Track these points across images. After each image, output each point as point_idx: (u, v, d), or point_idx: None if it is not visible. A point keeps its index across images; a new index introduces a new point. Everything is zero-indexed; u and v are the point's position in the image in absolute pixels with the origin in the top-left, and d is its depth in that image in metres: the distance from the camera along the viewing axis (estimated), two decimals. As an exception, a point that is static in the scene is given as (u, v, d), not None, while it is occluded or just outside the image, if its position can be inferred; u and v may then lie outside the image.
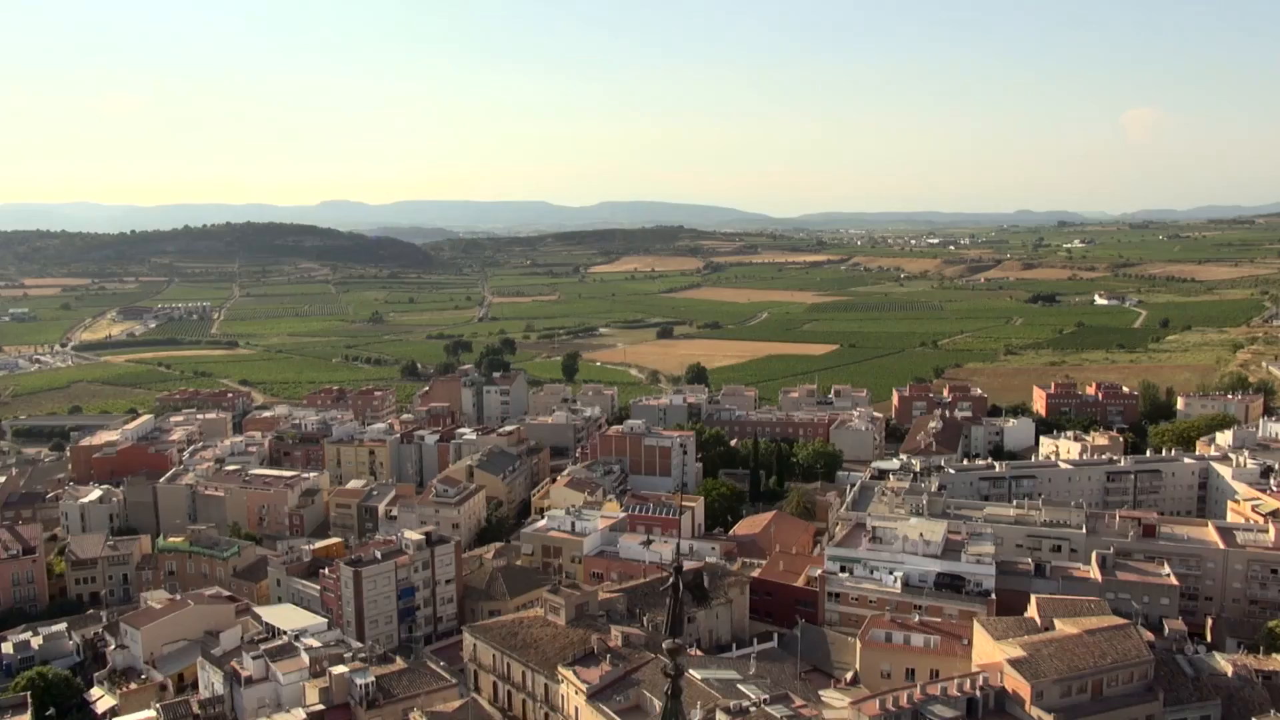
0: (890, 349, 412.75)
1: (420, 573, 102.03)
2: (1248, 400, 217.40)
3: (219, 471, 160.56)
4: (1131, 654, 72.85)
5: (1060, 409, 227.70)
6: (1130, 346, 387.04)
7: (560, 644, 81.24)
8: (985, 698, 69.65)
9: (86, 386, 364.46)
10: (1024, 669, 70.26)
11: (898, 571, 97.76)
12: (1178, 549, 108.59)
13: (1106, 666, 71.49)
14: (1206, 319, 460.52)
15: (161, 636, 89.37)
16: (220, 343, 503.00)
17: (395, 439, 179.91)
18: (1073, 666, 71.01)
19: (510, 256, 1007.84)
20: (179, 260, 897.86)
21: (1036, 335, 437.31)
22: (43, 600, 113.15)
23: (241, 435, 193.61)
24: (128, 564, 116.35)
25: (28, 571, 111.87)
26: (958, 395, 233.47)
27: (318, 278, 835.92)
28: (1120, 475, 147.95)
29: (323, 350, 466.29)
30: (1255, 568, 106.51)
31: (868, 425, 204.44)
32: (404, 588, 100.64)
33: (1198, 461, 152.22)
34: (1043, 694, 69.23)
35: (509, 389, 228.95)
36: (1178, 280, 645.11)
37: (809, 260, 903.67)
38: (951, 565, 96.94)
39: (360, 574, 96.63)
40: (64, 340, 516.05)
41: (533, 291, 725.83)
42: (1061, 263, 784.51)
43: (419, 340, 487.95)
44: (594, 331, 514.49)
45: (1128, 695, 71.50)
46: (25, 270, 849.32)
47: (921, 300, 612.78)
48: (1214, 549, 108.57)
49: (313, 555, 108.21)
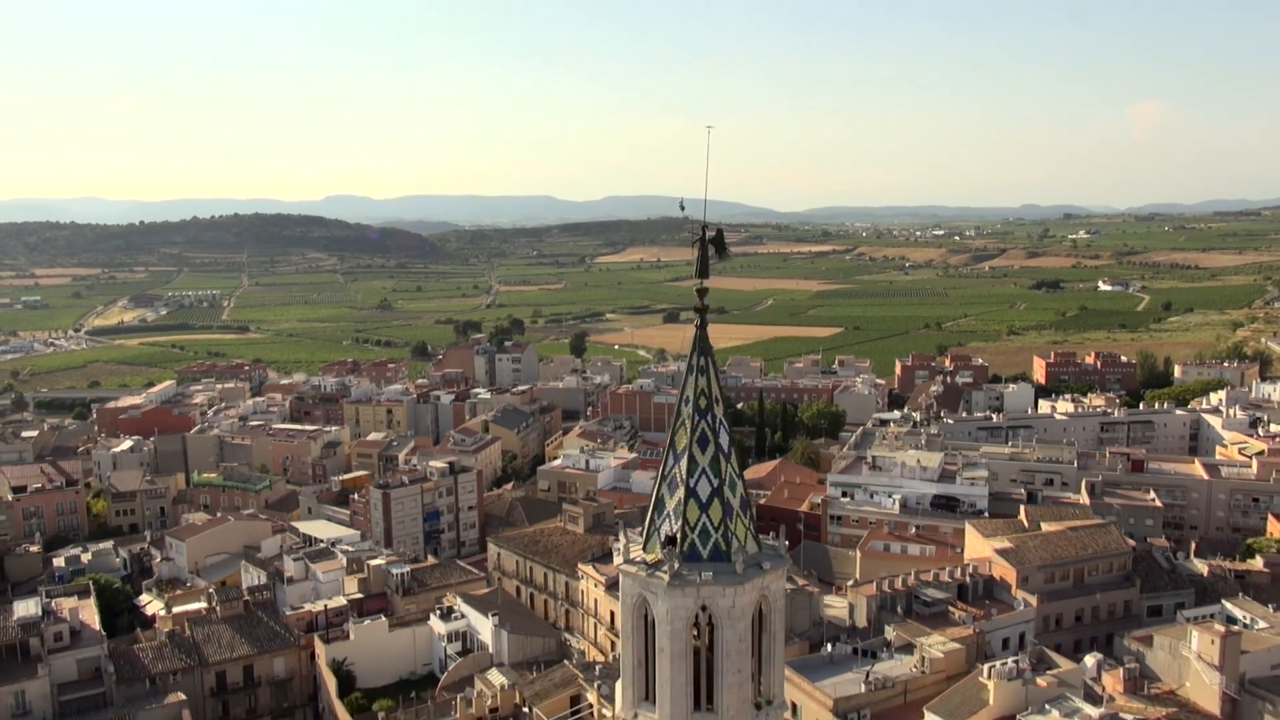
0: (894, 331, 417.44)
1: (444, 498, 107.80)
2: (1243, 368, 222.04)
3: (243, 427, 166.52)
4: (1111, 547, 78.37)
5: (1059, 377, 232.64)
6: (1132, 327, 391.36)
7: (579, 548, 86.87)
8: (975, 583, 75.21)
9: (102, 366, 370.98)
10: (1010, 557, 75.81)
11: (896, 495, 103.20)
12: (1164, 480, 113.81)
13: (1087, 556, 76.99)
14: (1209, 302, 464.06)
15: (205, 549, 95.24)
16: (231, 327, 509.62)
17: (412, 399, 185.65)
18: (1056, 556, 76.53)
19: (516, 247, 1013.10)
20: (187, 251, 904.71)
21: (1039, 318, 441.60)
22: (84, 530, 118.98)
23: (262, 396, 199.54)
24: (164, 497, 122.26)
25: (70, 502, 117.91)
26: (959, 364, 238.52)
27: (325, 267, 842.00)
28: (1114, 425, 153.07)
29: (333, 334, 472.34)
30: (1238, 497, 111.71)
31: (870, 390, 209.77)
32: (429, 511, 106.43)
33: (1189, 414, 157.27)
34: (1028, 579, 74.76)
35: (520, 357, 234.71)
36: (1181, 267, 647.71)
37: (814, 250, 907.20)
38: (947, 488, 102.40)
39: (389, 495, 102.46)
40: (77, 326, 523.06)
41: (539, 281, 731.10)
42: (1066, 251, 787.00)
43: (428, 325, 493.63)
44: (600, 317, 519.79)
45: (1107, 583, 76.98)
46: (35, 261, 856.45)
47: (926, 287, 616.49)
48: (1199, 480, 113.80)
49: (341, 485, 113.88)
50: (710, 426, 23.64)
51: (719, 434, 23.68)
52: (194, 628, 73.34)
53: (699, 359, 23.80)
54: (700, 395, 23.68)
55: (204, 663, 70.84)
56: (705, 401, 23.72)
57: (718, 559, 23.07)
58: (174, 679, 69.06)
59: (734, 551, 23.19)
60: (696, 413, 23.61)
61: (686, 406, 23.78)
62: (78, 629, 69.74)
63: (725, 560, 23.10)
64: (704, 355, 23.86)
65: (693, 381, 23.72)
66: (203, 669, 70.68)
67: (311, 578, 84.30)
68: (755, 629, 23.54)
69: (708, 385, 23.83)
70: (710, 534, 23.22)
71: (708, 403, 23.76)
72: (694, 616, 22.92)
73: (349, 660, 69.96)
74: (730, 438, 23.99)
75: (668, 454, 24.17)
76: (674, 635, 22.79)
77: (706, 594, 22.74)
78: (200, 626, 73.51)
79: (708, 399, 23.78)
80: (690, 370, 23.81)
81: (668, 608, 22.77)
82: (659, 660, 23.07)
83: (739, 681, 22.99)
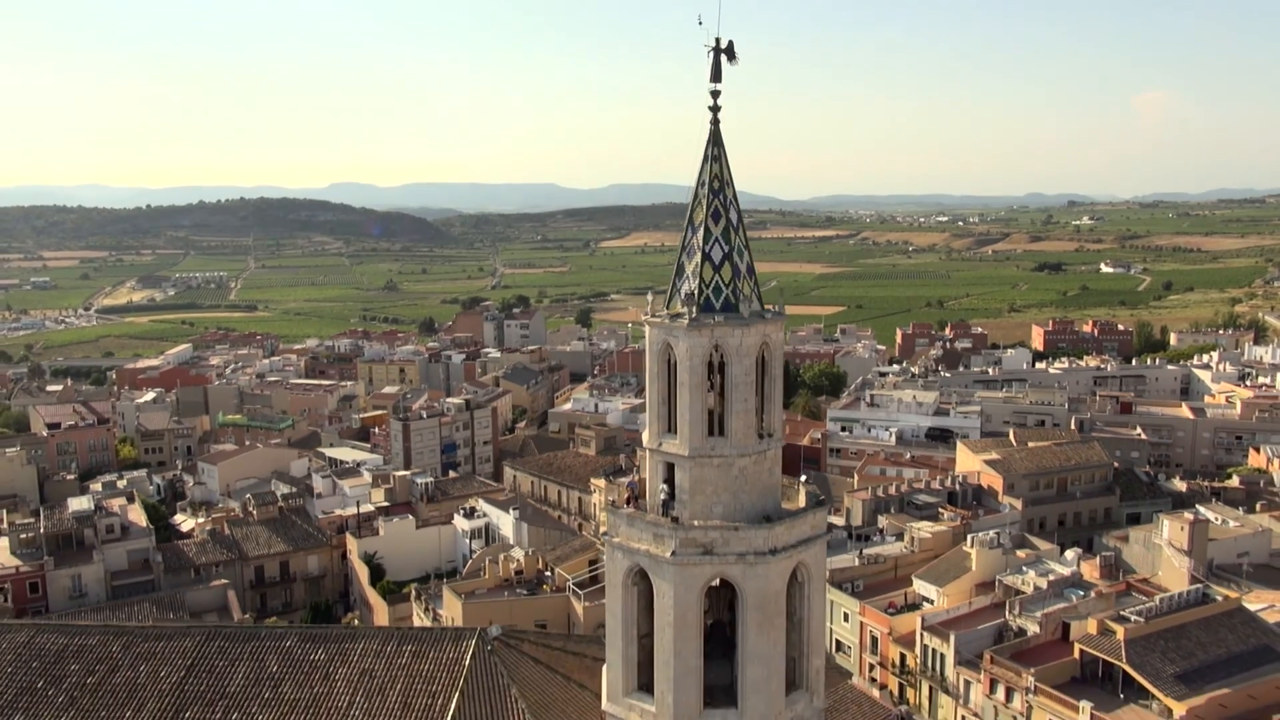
0: (896, 309, 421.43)
1: (461, 432, 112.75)
2: (1238, 335, 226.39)
3: (260, 383, 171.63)
4: (1093, 459, 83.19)
5: (1057, 344, 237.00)
6: (1132, 304, 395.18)
7: (591, 467, 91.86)
8: (964, 491, 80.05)
9: (114, 340, 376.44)
10: (997, 466, 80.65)
11: (892, 428, 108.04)
12: (1151, 420, 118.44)
13: (1070, 467, 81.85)
14: (1209, 283, 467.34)
15: (236, 473, 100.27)
16: (239, 306, 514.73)
17: (424, 358, 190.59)
18: (1040, 466, 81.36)
19: (521, 232, 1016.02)
20: (194, 234, 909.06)
21: (1041, 298, 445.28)
22: (115, 468, 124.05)
23: (278, 356, 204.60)
24: (191, 436, 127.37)
25: (102, 439, 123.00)
26: (959, 333, 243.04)
27: (331, 251, 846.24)
28: (1106, 379, 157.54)
29: (340, 313, 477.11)
30: (1221, 435, 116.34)
31: (872, 354, 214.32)
32: (447, 443, 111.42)
33: (1179, 368, 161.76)
34: (1014, 486, 79.59)
35: (528, 323, 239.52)
36: (1184, 251, 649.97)
37: (818, 235, 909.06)
38: (941, 420, 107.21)
39: (409, 425, 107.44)
40: (86, 305, 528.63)
41: (543, 264, 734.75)
42: (1069, 236, 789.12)
43: (434, 304, 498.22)
44: (605, 297, 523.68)
45: (1088, 491, 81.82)
46: (43, 243, 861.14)
47: (929, 270, 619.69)
48: (1184, 420, 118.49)
49: (362, 423, 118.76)
50: (723, 204, 28.28)
51: (729, 210, 28.33)
52: (233, 528, 78.42)
53: (713, 149, 28.37)
54: (714, 179, 28.28)
55: (243, 557, 75.97)
56: (719, 184, 28.35)
57: (728, 310, 27.78)
58: (216, 570, 74.19)
59: (741, 303, 27.88)
60: (711, 193, 28.22)
61: (703, 189, 28.37)
62: (126, 524, 74.83)
63: (735, 311, 27.81)
64: (717, 146, 28.43)
65: (708, 168, 28.30)
66: (242, 562, 75.81)
67: (339, 492, 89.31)
68: (759, 372, 28.27)
69: (720, 171, 28.43)
70: (722, 290, 27.91)
71: (720, 184, 28.38)
72: (708, 355, 27.63)
73: (379, 554, 74.96)
74: (739, 214, 28.66)
75: (686, 229, 28.81)
76: (692, 370, 27.51)
77: (719, 334, 27.47)
78: (239, 527, 78.60)
79: (720, 181, 28.40)
80: (705, 159, 28.38)
81: (687, 346, 27.49)
82: (679, 394, 27.77)
83: (745, 410, 27.71)
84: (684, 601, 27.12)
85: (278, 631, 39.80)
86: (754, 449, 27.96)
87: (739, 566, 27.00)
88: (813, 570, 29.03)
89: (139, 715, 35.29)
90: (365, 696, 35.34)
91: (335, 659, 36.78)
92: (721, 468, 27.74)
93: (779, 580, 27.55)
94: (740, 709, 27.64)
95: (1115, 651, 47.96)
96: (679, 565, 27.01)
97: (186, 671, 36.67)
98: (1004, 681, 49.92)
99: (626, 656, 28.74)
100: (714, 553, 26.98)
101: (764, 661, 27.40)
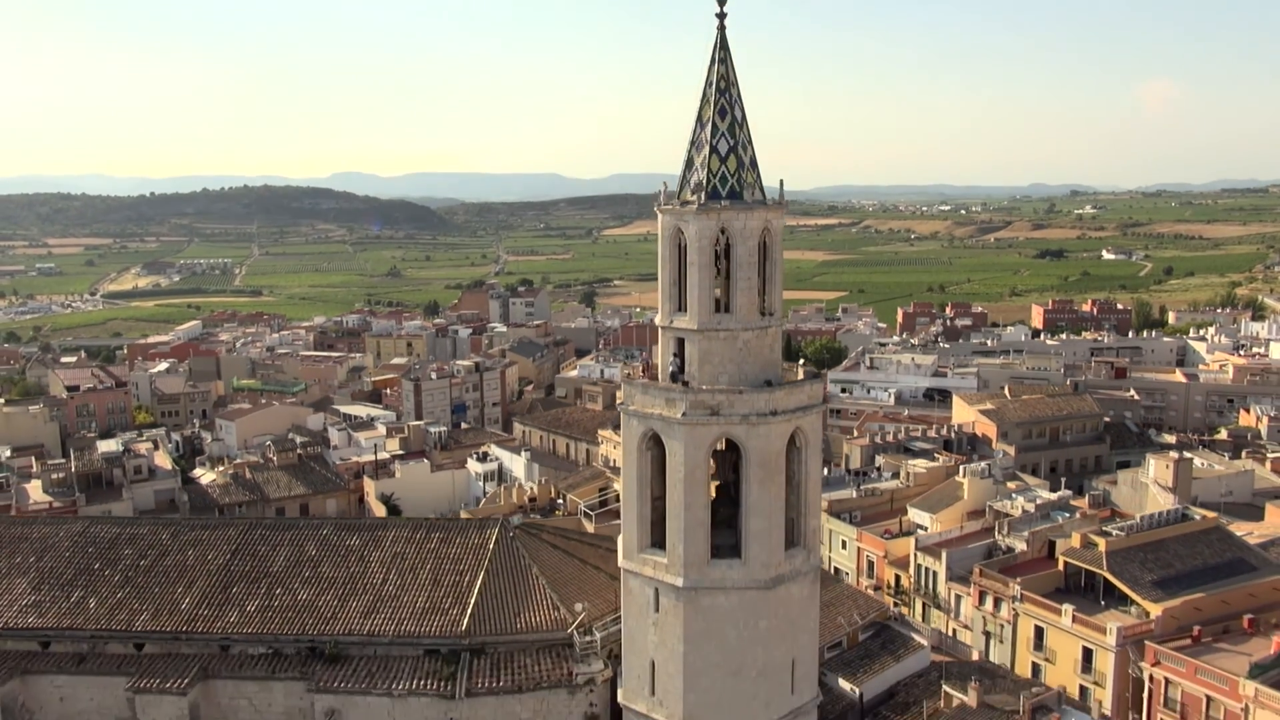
0: (898, 294, 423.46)
1: (470, 394, 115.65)
2: (1236, 314, 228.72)
3: (271, 355, 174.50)
4: (1085, 410, 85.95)
5: (1057, 322, 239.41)
6: (1133, 289, 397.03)
7: (599, 421, 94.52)
8: (959, 439, 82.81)
9: (121, 323, 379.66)
10: (991, 415, 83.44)
11: (891, 389, 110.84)
12: (1145, 384, 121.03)
13: (1062, 416, 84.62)
14: (1210, 268, 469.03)
15: (253, 428, 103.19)
16: (244, 292, 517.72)
17: (431, 332, 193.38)
18: (1033, 415, 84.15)
19: (523, 220, 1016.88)
20: (197, 222, 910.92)
21: (1042, 283, 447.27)
22: (132, 428, 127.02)
23: (287, 331, 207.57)
24: (206, 400, 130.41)
25: (119, 401, 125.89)
26: (959, 311, 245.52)
27: (334, 238, 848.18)
28: (1103, 350, 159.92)
29: (344, 298, 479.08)
30: (1213, 398, 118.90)
31: (872, 331, 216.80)
32: (457, 404, 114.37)
33: (1175, 340, 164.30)
34: (1007, 434, 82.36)
35: (533, 300, 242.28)
36: (1185, 238, 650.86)
37: (819, 224, 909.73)
38: (938, 381, 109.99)
39: (420, 385, 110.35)
40: (92, 290, 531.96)
41: (546, 251, 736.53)
42: (1071, 224, 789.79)
43: (438, 289, 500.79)
44: (608, 283, 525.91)
45: (1080, 440, 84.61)
46: (48, 231, 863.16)
47: (931, 257, 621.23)
48: (1177, 384, 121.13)
49: (373, 385, 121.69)
50: (728, 102, 30.93)
51: (734, 108, 30.99)
52: (254, 473, 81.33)
53: (720, 53, 31.03)
54: (721, 79, 30.94)
55: (265, 499, 78.83)
56: (724, 84, 31.01)
57: (733, 197, 30.51)
58: (239, 510, 77.10)
59: (745, 191, 30.61)
60: (718, 92, 30.87)
61: (710, 88, 31.02)
62: (153, 467, 77.86)
63: (739, 198, 30.56)
64: (724, 50, 31.08)
65: (715, 69, 30.95)
66: (263, 504, 78.66)
67: (355, 444, 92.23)
68: (761, 255, 31.02)
69: (726, 72, 31.07)
70: (728, 179, 30.61)
71: (726, 84, 31.03)
72: (715, 237, 30.39)
73: (395, 495, 77.84)
74: (743, 112, 31.30)
75: (695, 126, 31.47)
76: (700, 250, 30.26)
77: (725, 218, 30.23)
78: (259, 472, 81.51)
79: (726, 82, 31.05)
80: (713, 61, 31.03)
81: (696, 229, 30.25)
82: (689, 274, 30.54)
83: (748, 288, 30.48)
84: (693, 459, 29.97)
85: (315, 522, 42.79)
86: (756, 324, 30.80)
87: (743, 427, 29.84)
88: (810, 437, 31.88)
89: (189, 590, 38.28)
90: (398, 574, 38.33)
91: (369, 544, 39.75)
92: (727, 340, 30.57)
93: (779, 440, 30.38)
94: (744, 559, 30.54)
95: (1097, 561, 50.78)
96: (689, 425, 29.85)
97: (232, 555, 39.66)
98: (992, 593, 52.77)
99: (641, 516, 31.61)
100: (720, 414, 29.82)
101: (765, 514, 30.26)
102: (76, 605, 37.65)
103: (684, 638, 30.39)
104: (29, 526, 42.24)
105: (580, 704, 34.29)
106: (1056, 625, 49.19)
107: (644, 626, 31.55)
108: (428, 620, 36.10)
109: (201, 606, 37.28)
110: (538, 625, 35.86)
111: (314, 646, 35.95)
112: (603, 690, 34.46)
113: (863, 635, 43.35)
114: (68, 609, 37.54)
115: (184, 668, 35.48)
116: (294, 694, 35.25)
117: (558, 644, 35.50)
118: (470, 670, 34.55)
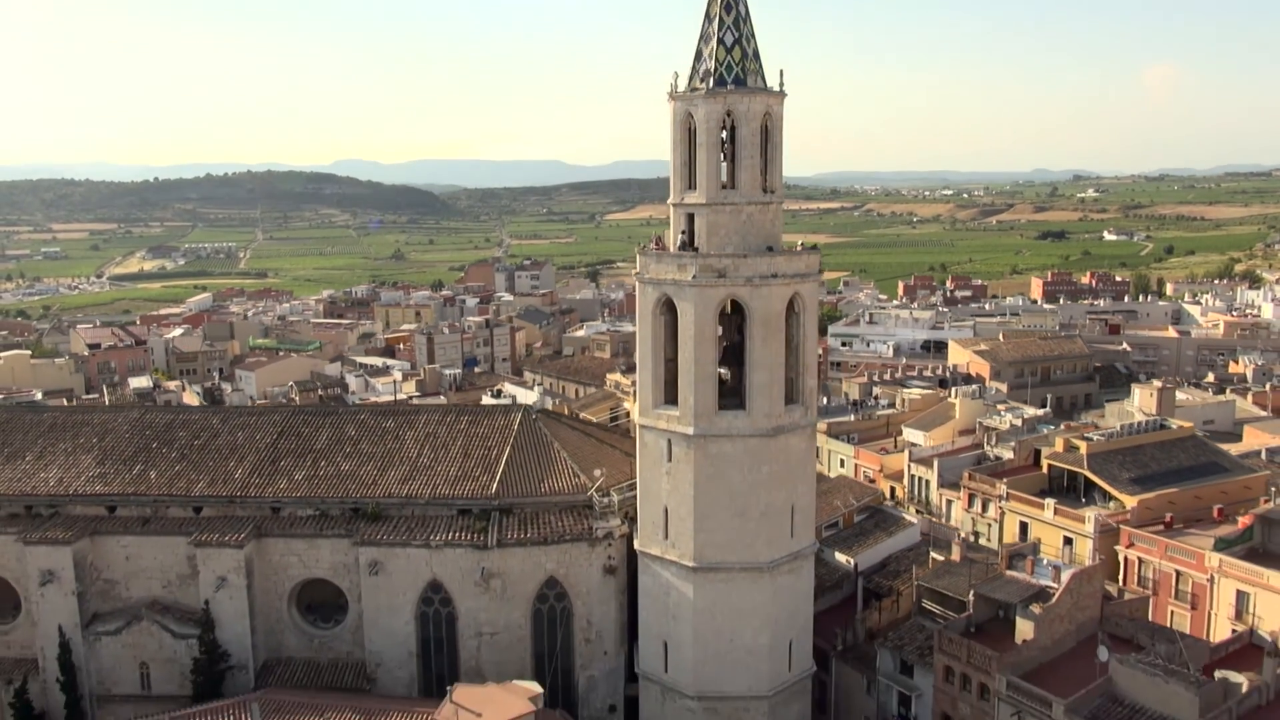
0: (900, 274, 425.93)
1: (481, 348, 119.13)
2: (1234, 285, 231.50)
3: (283, 324, 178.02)
4: (1075, 351, 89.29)
5: (1055, 294, 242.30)
6: (1133, 266, 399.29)
7: (607, 367, 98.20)
8: (954, 378, 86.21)
9: (130, 302, 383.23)
10: (985, 355, 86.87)
11: (890, 341, 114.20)
12: (1138, 340, 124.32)
13: (1053, 356, 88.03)
14: (1211, 247, 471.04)
15: (272, 378, 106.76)
16: (250, 274, 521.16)
17: (439, 301, 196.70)
18: (1025, 355, 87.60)
19: (526, 205, 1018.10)
20: (201, 207, 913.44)
21: (1043, 262, 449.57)
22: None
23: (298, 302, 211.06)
24: (223, 359, 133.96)
25: (139, 359, 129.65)
26: (960, 283, 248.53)
27: (338, 223, 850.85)
28: (1100, 314, 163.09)
29: (349, 280, 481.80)
30: (1205, 352, 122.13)
31: (873, 301, 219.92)
32: (468, 358, 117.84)
33: (1170, 304, 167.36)
34: (1000, 373, 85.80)
35: (539, 274, 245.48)
36: (1187, 219, 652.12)
37: (822, 208, 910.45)
38: (936, 334, 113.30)
39: (432, 338, 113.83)
40: (98, 273, 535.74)
41: (550, 235, 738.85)
42: (1074, 206, 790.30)
43: (442, 271, 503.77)
44: (612, 264, 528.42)
45: (1070, 379, 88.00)
46: (52, 216, 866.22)
47: (933, 239, 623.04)
48: (1170, 339, 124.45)
49: (386, 342, 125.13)
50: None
51: (739, 4, 34.30)
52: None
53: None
54: (725, -20, 34.41)
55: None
56: (729, -15, 34.47)
57: (738, 84, 33.84)
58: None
59: (749, 78, 33.97)
60: (724, -11, 34.33)
61: (717, -13, 34.48)
62: (182, 404, 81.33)
63: (743, 85, 33.90)
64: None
65: (721, -31, 34.42)
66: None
67: (371, 390, 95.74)
68: (763, 137, 34.36)
69: (731, -25, 34.52)
70: (733, 68, 33.95)
71: (731, -14, 34.49)
72: (722, 120, 33.72)
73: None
74: (747, 7, 34.57)
75: (703, 21, 34.83)
76: (709, 131, 33.66)
77: (730, 101, 33.59)
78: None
79: (730, -16, 34.51)
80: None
81: (705, 112, 33.63)
82: (698, 154, 33.91)
83: (751, 165, 33.87)
84: (702, 318, 33.40)
85: (353, 408, 46.32)
86: (759, 199, 34.21)
87: (747, 288, 33.26)
88: (807, 302, 35.30)
89: (241, 464, 41.89)
90: (431, 449, 41.94)
91: (403, 426, 43.35)
92: (732, 213, 34.00)
93: (779, 302, 33.78)
94: (748, 409, 34.00)
95: (1078, 462, 54.22)
96: (698, 287, 33.29)
97: (278, 435, 43.25)
98: (980, 494, 56.25)
99: (655, 376, 35.06)
100: (726, 276, 33.25)
101: (767, 369, 33.69)
102: (138, 476, 41.19)
103: (694, 482, 33.89)
104: (89, 414, 45.81)
105: (600, 556, 37.86)
106: (1040, 519, 52.70)
107: (658, 476, 35.04)
108: (460, 485, 39.66)
109: (253, 476, 40.83)
110: (560, 489, 39.42)
111: (357, 508, 39.52)
112: (620, 544, 38.01)
113: (858, 518, 46.88)
114: (130, 479, 41.08)
115: (240, 526, 39.05)
116: (339, 550, 38.84)
117: (578, 505, 39.06)
118: (500, 526, 38.11)
